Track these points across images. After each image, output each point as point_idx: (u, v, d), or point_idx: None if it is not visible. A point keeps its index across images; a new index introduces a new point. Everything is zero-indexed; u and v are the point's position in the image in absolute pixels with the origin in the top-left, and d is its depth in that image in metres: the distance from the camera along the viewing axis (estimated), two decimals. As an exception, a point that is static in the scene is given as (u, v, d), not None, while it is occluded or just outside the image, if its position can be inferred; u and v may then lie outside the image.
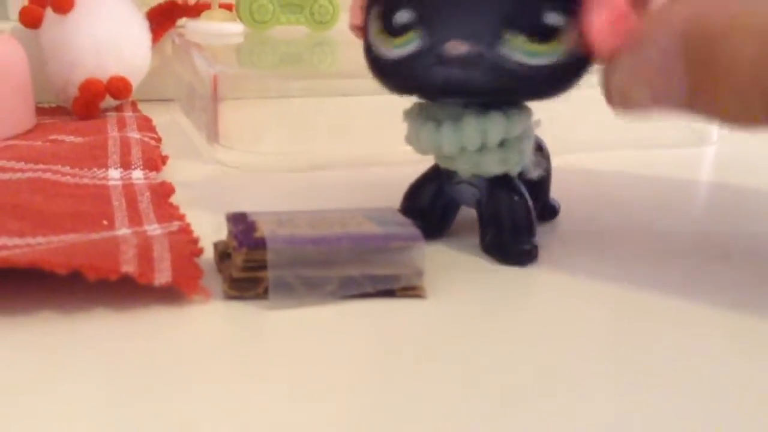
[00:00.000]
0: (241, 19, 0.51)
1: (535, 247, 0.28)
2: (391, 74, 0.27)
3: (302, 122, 0.45)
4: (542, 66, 0.25)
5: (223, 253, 0.25)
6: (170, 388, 0.19)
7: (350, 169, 0.39)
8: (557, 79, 0.26)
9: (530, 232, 0.28)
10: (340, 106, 0.46)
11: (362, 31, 0.28)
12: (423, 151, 0.28)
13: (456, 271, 0.27)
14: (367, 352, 0.22)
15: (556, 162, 0.32)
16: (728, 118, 0.23)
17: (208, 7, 0.50)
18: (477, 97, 0.26)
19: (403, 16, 0.25)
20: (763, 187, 0.41)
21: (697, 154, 0.46)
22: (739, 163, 0.45)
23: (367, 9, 0.27)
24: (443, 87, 0.26)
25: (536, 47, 0.25)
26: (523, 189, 0.28)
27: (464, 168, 0.28)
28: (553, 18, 0.24)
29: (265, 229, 0.24)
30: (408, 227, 0.25)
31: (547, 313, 0.25)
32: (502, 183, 0.28)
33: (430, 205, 0.29)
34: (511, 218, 0.28)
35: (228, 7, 0.51)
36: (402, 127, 0.29)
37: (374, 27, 0.27)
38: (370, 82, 0.29)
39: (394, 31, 0.26)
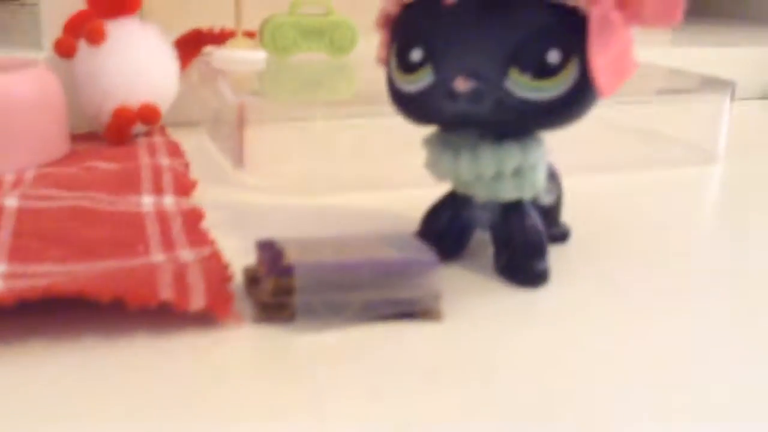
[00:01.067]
0: (264, 47, 0.53)
1: (547, 270, 0.29)
2: (409, 107, 0.29)
3: (325, 145, 0.47)
4: (546, 100, 0.26)
5: (252, 278, 0.27)
6: (208, 409, 0.21)
7: (372, 191, 0.40)
8: (562, 112, 0.27)
9: (542, 255, 0.29)
10: (361, 129, 0.47)
11: (387, 64, 0.30)
12: (441, 177, 0.30)
13: (471, 292, 0.28)
14: (388, 373, 0.23)
15: (564, 183, 0.33)
16: None
17: (232, 35, 0.52)
18: (486, 128, 0.28)
19: (416, 54, 0.27)
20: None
21: (703, 172, 0.47)
22: (745, 181, 0.46)
23: (389, 45, 0.29)
24: (453, 120, 0.28)
25: (539, 83, 0.26)
26: (536, 213, 0.30)
27: (480, 194, 0.29)
28: (555, 56, 0.26)
29: (292, 256, 0.25)
30: (425, 253, 0.27)
31: (557, 335, 0.26)
32: (515, 208, 0.29)
33: (447, 229, 0.31)
34: (524, 242, 0.29)
35: (251, 35, 0.53)
36: (420, 148, 0.31)
37: (393, 63, 0.29)
38: (389, 106, 0.31)
39: (408, 68, 0.28)
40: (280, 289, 0.25)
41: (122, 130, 0.46)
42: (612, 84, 0.26)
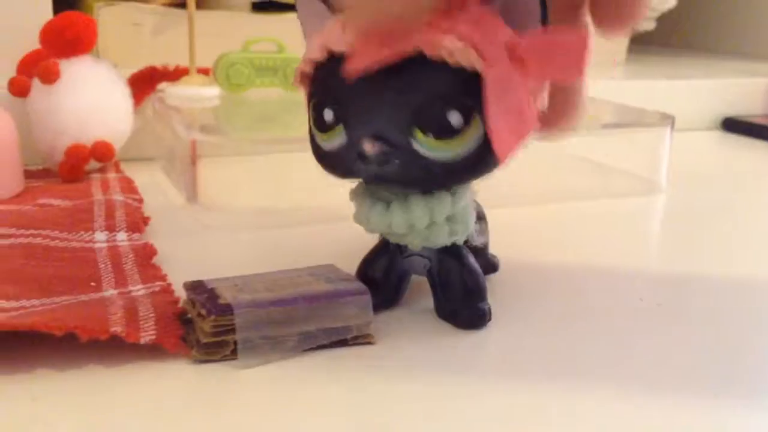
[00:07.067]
0: (218, 83, 0.54)
1: (488, 311, 0.30)
2: (328, 164, 0.29)
3: (279, 179, 0.48)
4: (452, 160, 0.27)
5: (183, 320, 0.28)
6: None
7: (328, 223, 0.41)
8: (470, 169, 0.27)
9: (482, 297, 0.30)
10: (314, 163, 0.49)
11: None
12: (373, 230, 0.30)
13: (410, 334, 0.29)
14: (330, 399, 0.25)
15: (506, 214, 0.34)
16: None
17: (186, 72, 0.54)
18: (398, 187, 0.28)
19: (328, 114, 0.27)
20: (713, 234, 0.44)
21: (646, 202, 0.50)
22: (688, 211, 0.48)
23: (308, 101, 0.29)
24: (368, 179, 0.28)
25: (443, 144, 0.26)
26: (471, 256, 0.31)
27: (414, 242, 0.29)
28: (456, 117, 0.26)
29: (228, 296, 0.27)
30: (353, 282, 0.29)
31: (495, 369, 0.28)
32: (450, 252, 0.30)
33: (384, 277, 0.31)
34: (463, 285, 0.30)
35: (205, 72, 0.55)
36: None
37: (311, 119, 0.29)
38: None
39: (322, 126, 0.28)
40: (219, 329, 0.26)
41: (76, 168, 0.47)
42: (509, 147, 0.26)
